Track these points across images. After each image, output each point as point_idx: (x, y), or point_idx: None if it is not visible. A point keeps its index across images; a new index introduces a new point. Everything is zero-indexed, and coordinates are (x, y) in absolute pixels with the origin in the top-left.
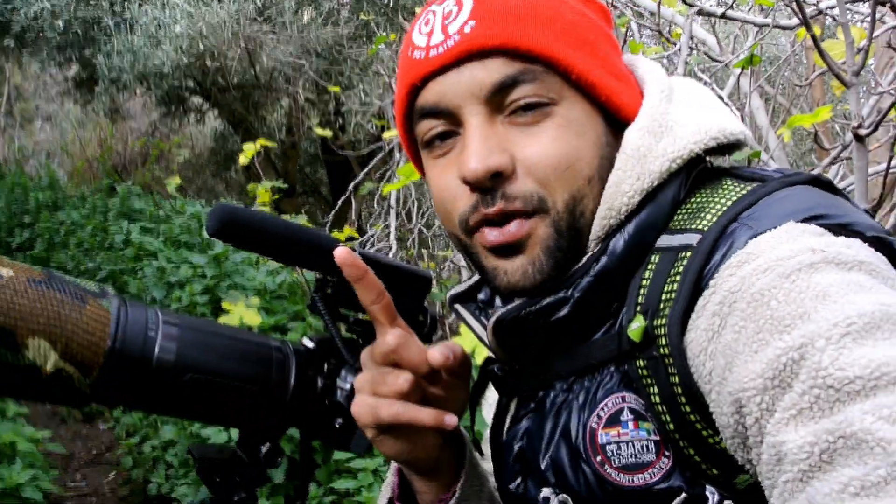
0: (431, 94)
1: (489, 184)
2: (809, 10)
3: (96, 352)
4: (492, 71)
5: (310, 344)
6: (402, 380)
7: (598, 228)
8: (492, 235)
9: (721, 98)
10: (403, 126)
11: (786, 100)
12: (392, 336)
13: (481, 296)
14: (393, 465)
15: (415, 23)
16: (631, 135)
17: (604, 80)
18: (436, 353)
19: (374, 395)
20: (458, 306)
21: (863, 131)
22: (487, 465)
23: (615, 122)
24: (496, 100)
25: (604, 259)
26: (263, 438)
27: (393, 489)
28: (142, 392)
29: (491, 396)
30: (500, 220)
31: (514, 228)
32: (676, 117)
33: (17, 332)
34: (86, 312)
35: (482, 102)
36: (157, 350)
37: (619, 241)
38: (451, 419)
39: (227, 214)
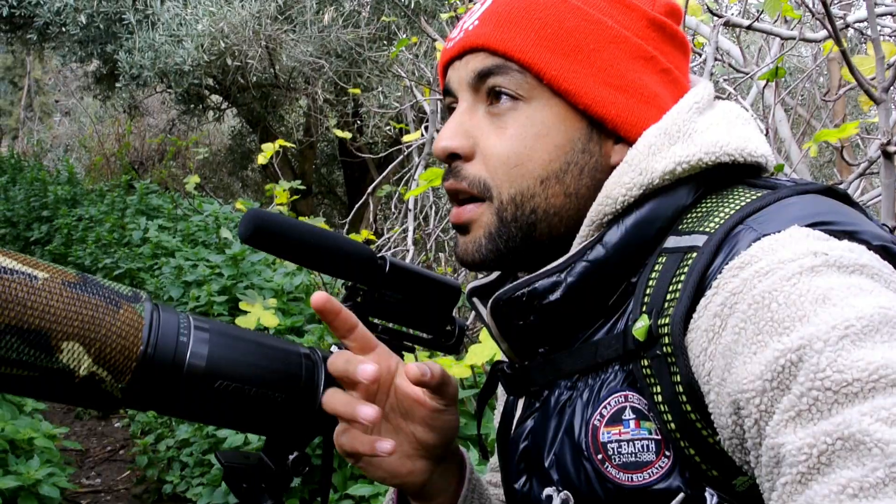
0: (447, 77)
1: (448, 161)
2: (837, 24)
3: (129, 356)
4: (476, 62)
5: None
6: (363, 413)
7: (593, 213)
8: (452, 214)
9: (745, 110)
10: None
11: (806, 112)
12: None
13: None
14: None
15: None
16: (648, 133)
17: (585, 87)
18: (412, 369)
19: (343, 421)
20: (475, 300)
21: (892, 148)
22: (498, 476)
23: (612, 133)
24: (478, 86)
25: (598, 248)
26: (291, 446)
27: None
28: (172, 398)
29: (501, 403)
30: (461, 200)
31: (464, 210)
32: (699, 127)
33: (52, 336)
34: (119, 317)
35: (469, 89)
36: (188, 356)
37: (615, 233)
38: (382, 445)
39: (259, 221)
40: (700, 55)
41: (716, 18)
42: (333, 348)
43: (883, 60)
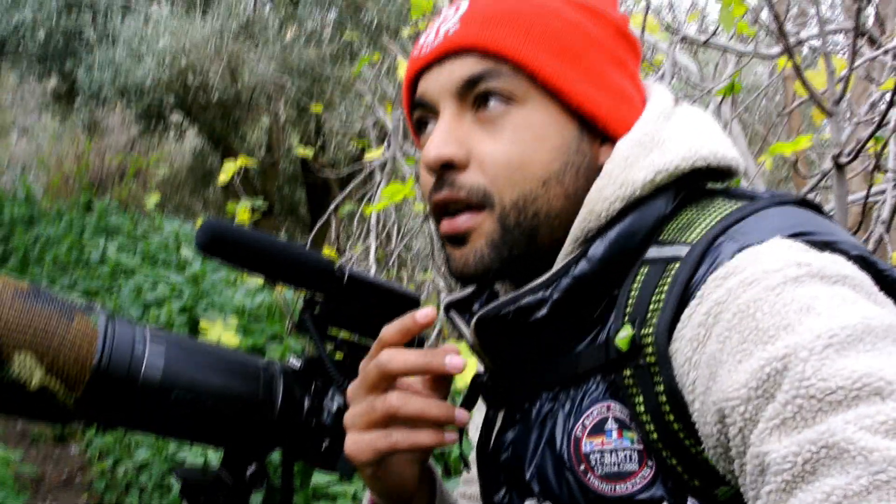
0: (420, 88)
1: (441, 171)
2: (790, 41)
3: (83, 368)
4: (463, 67)
5: (297, 363)
6: (394, 397)
7: (576, 230)
8: (444, 225)
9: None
10: (409, 117)
11: (763, 128)
12: (385, 353)
13: (476, 306)
14: (366, 500)
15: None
16: (621, 145)
17: (578, 88)
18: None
19: (369, 427)
20: (452, 314)
21: (843, 160)
22: (473, 488)
23: (598, 133)
24: (466, 94)
25: (583, 262)
26: (249, 459)
27: None
28: (127, 410)
29: (477, 417)
30: (452, 211)
31: (460, 221)
32: (670, 134)
33: (3, 346)
34: (73, 327)
35: (453, 96)
36: (143, 367)
37: (599, 247)
38: (450, 436)
39: (216, 230)
40: (658, 71)
41: (673, 35)
42: (292, 359)
43: (833, 74)
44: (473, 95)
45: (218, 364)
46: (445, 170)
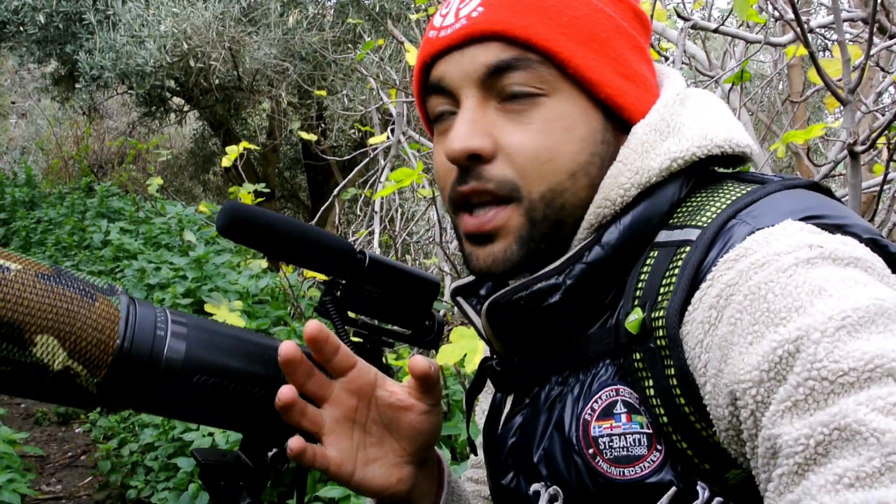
0: (437, 72)
1: (467, 164)
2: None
3: (105, 350)
4: (489, 54)
5: None
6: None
7: (591, 216)
8: (469, 223)
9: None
10: (420, 101)
11: (766, 116)
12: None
13: (482, 290)
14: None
15: (440, 7)
16: (638, 130)
17: (605, 77)
18: (421, 362)
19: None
20: (459, 299)
21: (858, 147)
22: (480, 472)
23: (620, 121)
24: (490, 82)
25: (597, 248)
26: (269, 442)
27: None
28: (149, 393)
29: (484, 402)
30: (477, 203)
31: (486, 218)
32: (685, 120)
33: (25, 329)
34: (95, 309)
35: (477, 85)
36: (165, 350)
37: (613, 233)
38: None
39: (237, 212)
40: (667, 59)
41: (683, 21)
42: None
43: (849, 63)
44: (500, 85)
45: (239, 347)
46: (471, 161)
